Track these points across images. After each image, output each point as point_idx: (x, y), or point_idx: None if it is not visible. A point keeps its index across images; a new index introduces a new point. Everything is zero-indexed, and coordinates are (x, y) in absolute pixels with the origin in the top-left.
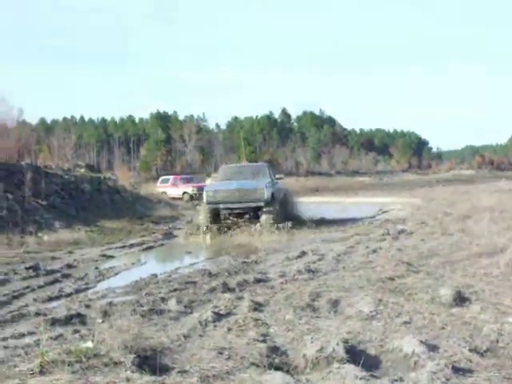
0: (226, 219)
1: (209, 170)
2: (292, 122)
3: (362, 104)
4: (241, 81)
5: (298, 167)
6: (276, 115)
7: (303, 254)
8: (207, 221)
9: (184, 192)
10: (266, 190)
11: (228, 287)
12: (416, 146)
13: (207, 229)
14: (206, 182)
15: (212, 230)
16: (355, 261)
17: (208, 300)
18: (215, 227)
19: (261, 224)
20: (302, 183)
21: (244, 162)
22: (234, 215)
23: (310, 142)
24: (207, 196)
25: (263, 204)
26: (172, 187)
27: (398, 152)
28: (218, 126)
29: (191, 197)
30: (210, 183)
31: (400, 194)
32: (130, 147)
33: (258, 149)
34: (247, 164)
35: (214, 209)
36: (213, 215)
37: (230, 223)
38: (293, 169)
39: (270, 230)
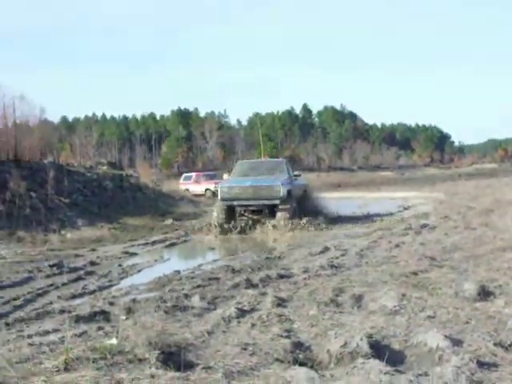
0: (242, 216)
1: (230, 167)
2: (313, 118)
3: (384, 98)
4: (264, 78)
5: (320, 163)
6: (297, 111)
7: (326, 250)
8: (221, 217)
9: (206, 189)
10: (282, 188)
11: (251, 283)
12: (438, 140)
13: (219, 226)
14: (223, 178)
15: (223, 227)
16: (378, 256)
17: (231, 296)
18: (226, 225)
19: (276, 221)
20: (324, 179)
21: (264, 158)
22: (250, 212)
23: (332, 138)
24: (221, 192)
25: (278, 202)
26: (194, 184)
27: (420, 146)
28: (240, 122)
29: (213, 193)
30: (225, 179)
31: (422, 189)
32: (152, 144)
33: (280, 145)
34: (264, 160)
35: (229, 205)
36: (227, 212)
37: (246, 220)
38: (314, 164)
39: (288, 228)
